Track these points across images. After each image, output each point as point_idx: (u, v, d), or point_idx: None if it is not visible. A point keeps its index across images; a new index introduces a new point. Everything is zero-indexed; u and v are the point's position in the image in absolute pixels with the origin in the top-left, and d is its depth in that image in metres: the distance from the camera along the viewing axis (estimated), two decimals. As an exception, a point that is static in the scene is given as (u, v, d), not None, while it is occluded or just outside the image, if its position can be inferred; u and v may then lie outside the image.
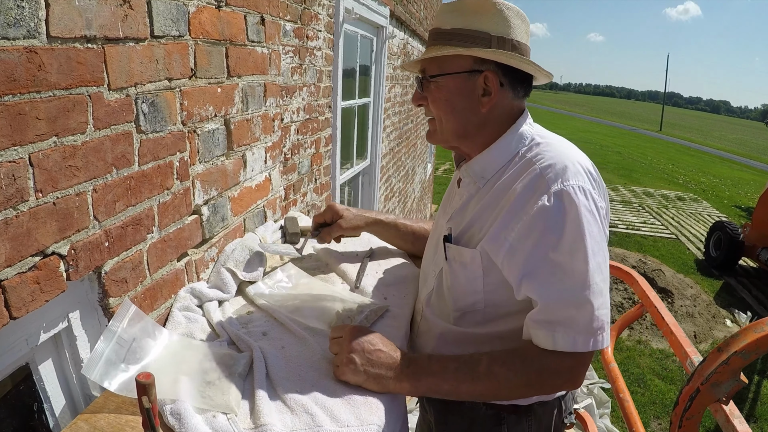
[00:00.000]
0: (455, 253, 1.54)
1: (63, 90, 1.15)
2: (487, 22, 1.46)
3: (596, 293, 1.30)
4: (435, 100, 1.54)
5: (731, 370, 1.56)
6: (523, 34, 1.50)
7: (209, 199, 1.82)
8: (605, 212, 1.41)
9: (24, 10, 1.04)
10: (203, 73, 1.71)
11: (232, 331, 1.55)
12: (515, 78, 1.51)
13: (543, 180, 1.36)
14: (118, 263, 1.39)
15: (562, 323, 1.31)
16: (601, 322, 1.31)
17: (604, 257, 1.35)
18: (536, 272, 1.35)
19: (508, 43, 1.46)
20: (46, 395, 1.31)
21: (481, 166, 1.56)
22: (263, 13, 2.14)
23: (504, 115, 1.54)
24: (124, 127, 1.36)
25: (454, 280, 1.56)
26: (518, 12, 1.50)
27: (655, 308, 2.34)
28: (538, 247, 1.34)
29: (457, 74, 1.50)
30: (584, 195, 1.32)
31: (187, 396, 1.23)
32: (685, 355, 1.99)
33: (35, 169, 1.10)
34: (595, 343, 1.32)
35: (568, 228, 1.31)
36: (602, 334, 1.32)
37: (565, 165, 1.37)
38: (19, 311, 1.09)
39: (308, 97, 2.94)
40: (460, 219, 1.58)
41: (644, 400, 6.89)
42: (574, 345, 1.31)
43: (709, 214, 19.06)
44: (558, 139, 1.53)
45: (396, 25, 6.02)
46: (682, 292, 9.71)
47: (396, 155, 7.14)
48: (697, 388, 1.60)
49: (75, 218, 1.22)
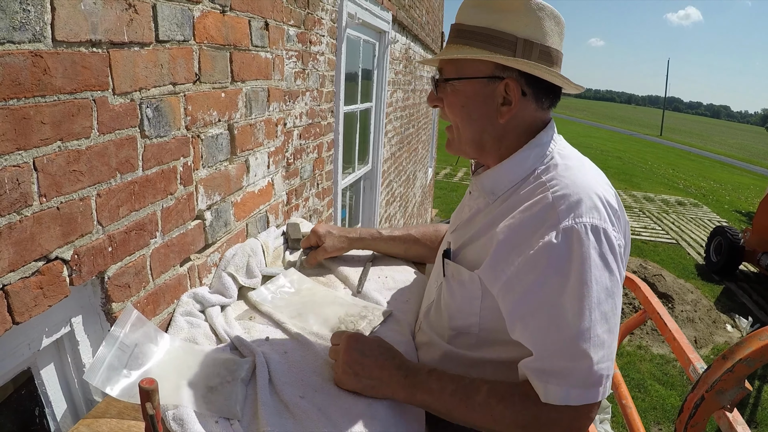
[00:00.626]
0: (454, 270, 1.47)
1: (68, 94, 1.15)
2: (514, 22, 1.31)
3: (596, 346, 1.17)
4: (450, 105, 1.42)
5: (736, 377, 1.56)
6: (555, 37, 1.36)
7: (212, 204, 1.82)
8: (624, 250, 1.28)
9: (30, 14, 1.03)
10: (207, 77, 1.71)
11: (235, 336, 1.54)
12: (540, 88, 1.37)
13: (554, 212, 1.23)
14: (121, 268, 1.38)
15: (556, 375, 1.19)
16: (598, 376, 1.18)
17: (614, 305, 1.21)
18: (532, 317, 1.24)
19: (535, 49, 1.32)
20: (48, 400, 1.30)
21: (492, 181, 1.44)
22: (267, 18, 2.14)
23: (524, 127, 1.40)
24: (128, 131, 1.36)
25: (450, 298, 1.48)
26: (552, 12, 1.34)
27: (658, 314, 2.34)
28: (538, 289, 1.22)
29: (476, 79, 1.37)
30: (596, 236, 1.19)
31: (190, 402, 1.23)
32: (688, 362, 1.99)
33: (39, 173, 1.09)
34: (591, 397, 1.19)
35: (573, 272, 1.18)
36: (599, 387, 1.19)
37: (580, 198, 1.23)
38: (22, 316, 1.09)
39: (311, 101, 2.94)
40: (464, 233, 1.50)
41: (645, 406, 6.87)
42: (566, 398, 1.18)
43: (710, 219, 19.05)
44: (579, 162, 1.39)
45: (398, 30, 6.03)
46: (682, 297, 9.69)
47: (397, 160, 7.15)
48: (702, 396, 1.59)
49: (79, 223, 1.22)
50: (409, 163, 8.67)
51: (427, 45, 9.09)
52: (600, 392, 1.19)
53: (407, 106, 7.53)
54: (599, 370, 1.17)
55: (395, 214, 7.43)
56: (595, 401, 1.20)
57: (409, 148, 8.42)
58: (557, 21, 1.35)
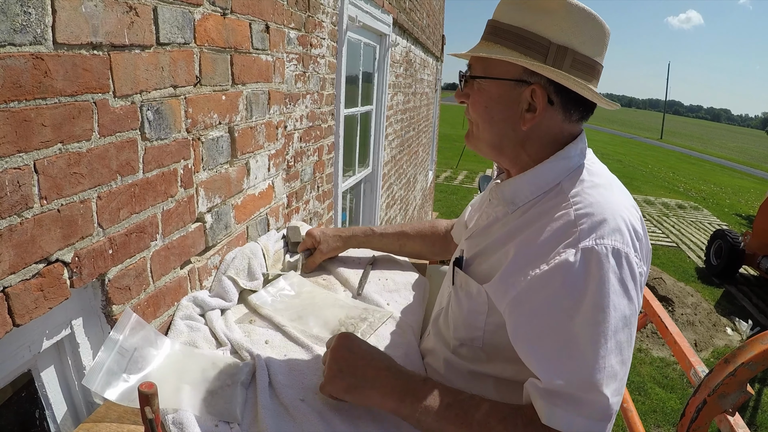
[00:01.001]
0: (463, 280, 1.41)
1: (69, 97, 1.15)
2: (550, 25, 1.24)
3: (609, 377, 1.07)
4: (474, 103, 1.35)
5: (738, 381, 1.55)
6: (593, 46, 1.27)
7: (213, 207, 1.82)
8: (644, 278, 1.20)
9: (31, 16, 1.03)
10: (208, 80, 1.71)
11: (235, 339, 1.54)
12: (569, 98, 1.28)
13: (575, 230, 1.15)
14: (121, 271, 1.38)
15: (565, 400, 1.09)
16: (609, 412, 1.08)
17: (630, 335, 1.12)
18: (539, 340, 1.15)
19: (569, 57, 1.24)
20: (48, 402, 1.30)
21: (513, 191, 1.37)
22: (268, 20, 2.14)
23: (549, 138, 1.33)
24: (129, 134, 1.36)
25: (457, 308, 1.43)
26: (594, 19, 1.26)
27: (659, 318, 2.34)
28: (547, 310, 1.14)
29: (502, 80, 1.29)
30: (617, 260, 1.11)
31: (190, 405, 1.23)
32: (689, 365, 1.99)
33: (40, 176, 1.09)
34: (595, 427, 1.08)
35: (589, 296, 1.10)
36: (607, 423, 1.09)
37: (604, 218, 1.15)
38: (23, 318, 1.09)
39: (311, 104, 2.94)
40: (478, 241, 1.43)
41: (645, 409, 6.87)
42: (570, 426, 1.08)
43: (710, 222, 19.06)
44: (608, 181, 1.31)
45: (399, 33, 6.03)
46: (682, 301, 9.70)
47: (398, 163, 7.15)
48: (704, 400, 1.59)
49: (79, 225, 1.22)
50: (410, 166, 8.67)
51: (428, 48, 9.10)
52: (607, 428, 1.10)
53: (408, 109, 7.54)
54: (612, 404, 1.08)
55: (395, 217, 7.43)
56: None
57: (410, 151, 8.43)
58: (599, 29, 1.28)
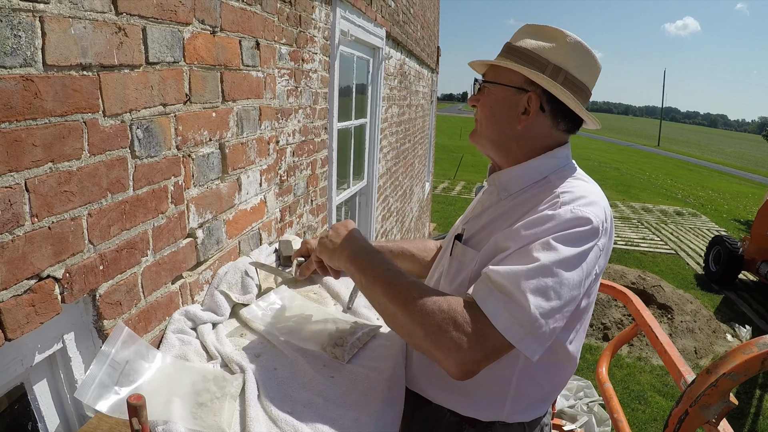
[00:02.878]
0: (459, 251, 1.60)
1: (59, 117, 1.18)
2: (552, 50, 1.51)
3: (538, 290, 1.26)
4: (482, 104, 1.61)
5: (720, 392, 1.55)
6: (584, 72, 1.54)
7: (204, 222, 1.84)
8: (604, 253, 1.42)
9: (21, 39, 1.07)
10: (198, 98, 1.74)
11: (225, 353, 1.56)
12: (559, 109, 1.54)
13: (557, 199, 1.40)
14: (112, 286, 1.40)
15: (499, 289, 1.28)
16: (532, 323, 1.25)
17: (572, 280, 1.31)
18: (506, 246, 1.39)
19: (561, 75, 1.50)
20: (41, 415, 1.32)
21: (507, 178, 1.60)
22: (258, 37, 2.18)
23: (539, 139, 1.57)
24: (119, 152, 1.39)
25: (447, 278, 1.62)
26: (587, 51, 1.54)
27: (650, 327, 2.35)
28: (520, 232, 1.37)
29: (507, 87, 1.55)
30: (585, 224, 1.34)
31: (179, 417, 1.25)
32: (679, 374, 2.00)
33: (31, 194, 1.12)
34: (513, 334, 1.25)
35: (553, 231, 1.32)
36: (527, 335, 1.26)
37: (583, 195, 1.41)
38: (14, 333, 1.11)
39: (304, 119, 2.97)
40: (475, 223, 1.64)
41: (645, 417, 6.87)
42: (495, 315, 1.26)
43: (708, 228, 19.08)
44: (588, 180, 1.57)
45: (392, 45, 6.07)
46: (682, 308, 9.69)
47: (393, 175, 7.17)
48: (686, 411, 1.59)
49: (70, 242, 1.24)
50: (406, 178, 8.70)
51: (422, 60, 9.15)
52: (518, 335, 1.25)
53: (403, 121, 7.57)
54: (532, 314, 1.24)
55: (392, 229, 7.45)
56: (511, 339, 1.26)
57: (405, 163, 8.45)
58: (592, 61, 1.56)
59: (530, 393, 1.54)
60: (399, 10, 6.19)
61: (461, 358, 1.25)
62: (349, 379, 1.51)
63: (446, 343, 1.27)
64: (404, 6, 6.60)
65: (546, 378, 1.55)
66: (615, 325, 9.11)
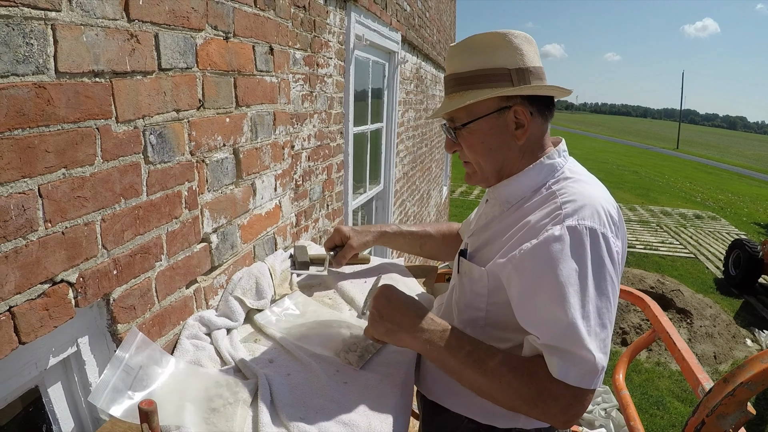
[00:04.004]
0: (466, 268, 1.58)
1: (71, 123, 1.19)
2: (501, 56, 1.48)
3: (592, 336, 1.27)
4: (470, 146, 1.57)
5: (737, 401, 1.52)
6: (535, 57, 1.52)
7: (218, 227, 1.85)
8: (620, 257, 1.39)
9: (33, 47, 1.07)
10: (211, 103, 1.75)
11: (239, 358, 1.56)
12: (541, 103, 1.53)
13: (559, 212, 1.36)
14: (126, 290, 1.41)
15: (559, 352, 1.28)
16: (597, 367, 1.26)
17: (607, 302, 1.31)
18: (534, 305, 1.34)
19: (527, 73, 1.48)
20: (55, 417, 1.33)
21: (507, 191, 1.57)
22: (272, 42, 2.18)
23: (537, 142, 1.56)
24: (132, 158, 1.40)
25: (461, 294, 1.61)
26: (526, 37, 1.51)
27: (667, 333, 2.32)
28: (538, 278, 1.32)
29: (488, 115, 1.51)
30: (593, 236, 1.31)
31: (192, 423, 1.25)
32: (696, 382, 1.97)
33: (44, 200, 1.13)
34: (586, 382, 1.27)
35: (572, 264, 1.29)
36: (595, 376, 1.27)
37: (584, 204, 1.36)
38: (28, 336, 1.12)
39: (319, 124, 2.97)
40: (479, 237, 1.62)
41: (663, 423, 6.81)
42: (566, 376, 1.27)
43: (728, 232, 18.91)
44: (587, 178, 1.53)
45: (408, 50, 6.07)
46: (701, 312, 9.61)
47: (410, 179, 7.17)
48: (703, 420, 1.56)
49: (83, 247, 1.25)
50: (423, 182, 8.69)
51: (438, 64, 9.14)
52: (595, 380, 1.28)
53: (419, 125, 7.57)
54: (597, 360, 1.26)
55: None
56: (589, 387, 1.28)
57: (423, 167, 8.45)
58: (530, 43, 1.53)
59: None
60: (414, 14, 6.19)
61: (565, 418, 1.31)
62: (362, 385, 1.51)
63: (542, 415, 1.32)
64: (420, 10, 6.60)
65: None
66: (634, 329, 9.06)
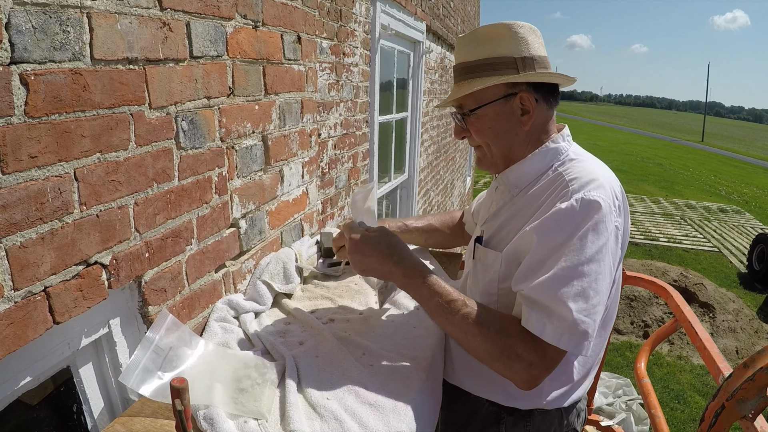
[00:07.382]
0: (482, 254, 1.64)
1: (106, 109, 1.21)
2: (507, 46, 1.54)
3: (576, 295, 1.31)
4: (479, 131, 1.62)
5: (757, 386, 1.53)
6: (540, 47, 1.58)
7: (247, 213, 1.87)
8: (622, 232, 1.44)
9: (69, 35, 1.10)
10: (241, 91, 1.77)
11: (268, 340, 1.59)
12: (545, 90, 1.58)
13: (567, 188, 1.42)
14: (157, 273, 1.44)
15: (540, 307, 1.34)
16: (576, 327, 1.31)
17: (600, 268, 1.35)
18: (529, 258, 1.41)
19: (532, 61, 1.54)
20: (86, 397, 1.37)
21: (516, 176, 1.63)
22: (299, 31, 2.20)
23: (542, 128, 1.61)
24: (164, 143, 1.42)
25: (474, 280, 1.68)
26: (530, 28, 1.58)
27: (689, 323, 2.31)
28: (541, 238, 1.39)
29: (494, 102, 1.56)
30: (597, 208, 1.36)
31: (220, 402, 1.28)
32: (717, 371, 1.97)
33: (80, 183, 1.16)
34: (563, 342, 1.32)
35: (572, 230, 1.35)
36: (574, 338, 1.32)
37: (591, 179, 1.42)
38: (62, 317, 1.15)
39: (345, 112, 2.99)
40: (493, 223, 1.67)
41: (684, 417, 6.76)
42: (541, 331, 1.32)
43: (752, 226, 18.67)
44: (591, 159, 1.58)
45: (433, 39, 6.07)
46: (724, 307, 9.51)
47: (434, 169, 7.17)
48: (723, 404, 1.57)
49: (117, 230, 1.28)
50: (447, 172, 8.68)
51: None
52: (572, 344, 1.32)
53: (444, 115, 7.55)
54: (576, 320, 1.30)
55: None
56: (565, 348, 1.33)
57: (447, 156, 8.44)
58: (535, 33, 1.59)
59: (565, 379, 1.59)
60: (439, 3, 6.18)
61: (526, 377, 1.36)
62: (388, 367, 1.53)
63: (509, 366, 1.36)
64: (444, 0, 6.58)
65: (579, 361, 1.59)
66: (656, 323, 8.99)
